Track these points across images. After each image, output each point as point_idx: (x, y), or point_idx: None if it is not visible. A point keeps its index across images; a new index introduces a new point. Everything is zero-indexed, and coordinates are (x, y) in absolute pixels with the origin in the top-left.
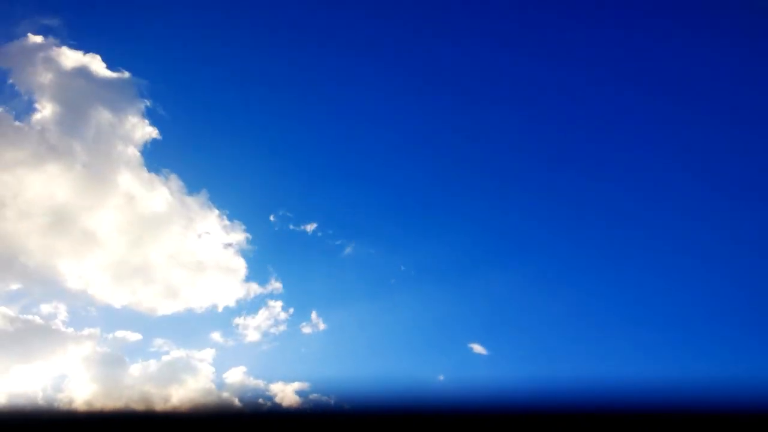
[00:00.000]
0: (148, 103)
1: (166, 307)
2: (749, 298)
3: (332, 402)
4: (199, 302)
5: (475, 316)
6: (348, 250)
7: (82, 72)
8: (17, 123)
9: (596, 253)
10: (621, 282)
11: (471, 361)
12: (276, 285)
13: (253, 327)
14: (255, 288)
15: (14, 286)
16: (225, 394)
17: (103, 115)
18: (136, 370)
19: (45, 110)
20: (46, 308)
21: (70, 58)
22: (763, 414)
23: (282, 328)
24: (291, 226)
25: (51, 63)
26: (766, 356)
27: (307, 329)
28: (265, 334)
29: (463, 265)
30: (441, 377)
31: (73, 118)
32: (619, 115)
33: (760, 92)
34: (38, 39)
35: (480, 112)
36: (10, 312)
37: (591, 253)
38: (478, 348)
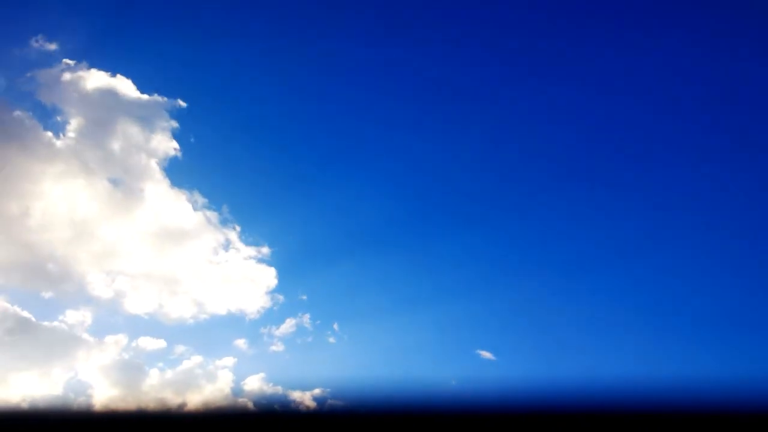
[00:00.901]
0: (175, 123)
1: (190, 316)
2: (750, 298)
3: (350, 406)
4: (223, 311)
5: (482, 325)
6: (366, 265)
7: (112, 92)
8: (49, 135)
9: (596, 259)
10: (623, 284)
11: (480, 366)
12: (301, 296)
13: (278, 336)
14: (280, 298)
15: (41, 293)
16: (242, 400)
17: (132, 132)
18: (157, 377)
19: (76, 127)
20: (71, 315)
21: (101, 79)
22: (763, 414)
23: (305, 338)
24: (312, 241)
25: (83, 84)
26: (766, 356)
27: (329, 339)
28: (289, 344)
29: (469, 278)
30: (453, 382)
31: (102, 134)
32: (626, 121)
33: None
34: (71, 62)
35: (489, 121)
36: (33, 317)
37: (591, 260)
38: (486, 354)
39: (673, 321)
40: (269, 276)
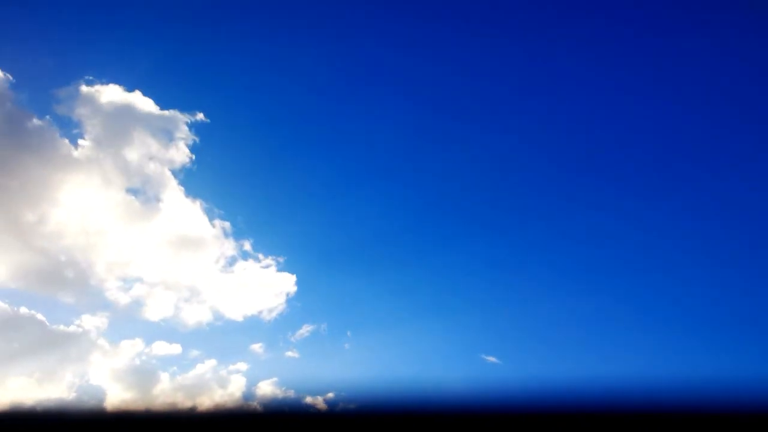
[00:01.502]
0: (193, 136)
1: (206, 322)
2: (751, 298)
3: (359, 408)
4: (240, 318)
5: (487, 331)
6: (377, 274)
7: (130, 106)
8: (68, 145)
9: (597, 266)
10: (623, 290)
11: (485, 370)
12: (315, 304)
13: (293, 342)
14: (297, 305)
15: (58, 298)
16: (252, 404)
17: (149, 144)
18: (169, 381)
19: (94, 138)
20: (88, 320)
21: (120, 94)
22: (763, 414)
23: (320, 344)
24: (325, 251)
25: (101, 98)
26: (766, 356)
27: (344, 345)
28: (304, 349)
29: (474, 286)
30: (459, 384)
31: (120, 145)
32: (628, 120)
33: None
34: (90, 77)
35: (493, 135)
36: (47, 322)
37: (592, 267)
38: (491, 359)
39: (673, 324)
40: (288, 283)
